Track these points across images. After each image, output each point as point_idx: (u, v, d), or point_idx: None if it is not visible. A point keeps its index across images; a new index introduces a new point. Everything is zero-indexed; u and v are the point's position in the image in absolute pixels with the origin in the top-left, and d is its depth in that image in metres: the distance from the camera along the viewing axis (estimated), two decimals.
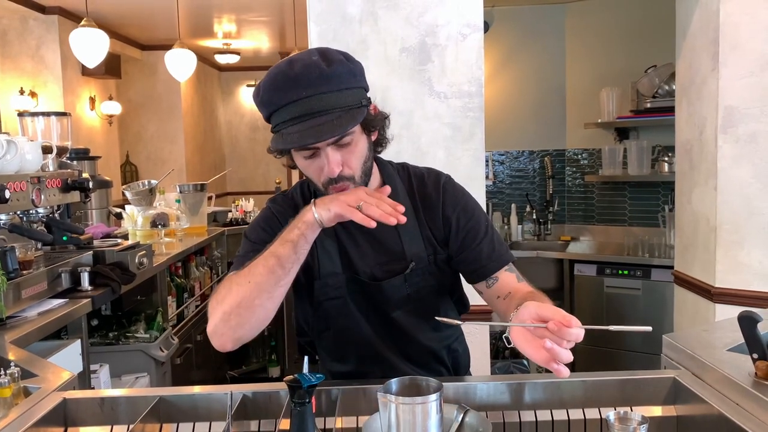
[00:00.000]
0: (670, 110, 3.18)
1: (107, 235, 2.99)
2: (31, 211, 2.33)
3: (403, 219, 1.11)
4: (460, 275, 1.43)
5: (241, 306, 1.18)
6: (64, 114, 2.82)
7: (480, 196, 2.43)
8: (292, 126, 1.16)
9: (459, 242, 1.35)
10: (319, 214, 1.15)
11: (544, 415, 1.33)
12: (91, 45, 4.34)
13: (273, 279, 1.17)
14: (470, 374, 1.58)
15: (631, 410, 1.19)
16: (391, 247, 1.35)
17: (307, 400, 1.06)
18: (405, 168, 1.43)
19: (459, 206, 1.36)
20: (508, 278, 1.34)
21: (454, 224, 1.35)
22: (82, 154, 3.41)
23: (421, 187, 1.38)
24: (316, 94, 1.15)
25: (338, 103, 1.16)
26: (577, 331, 1.01)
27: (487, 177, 4.33)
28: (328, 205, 1.15)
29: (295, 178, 9.55)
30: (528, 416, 1.32)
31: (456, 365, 1.51)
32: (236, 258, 1.35)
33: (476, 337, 2.45)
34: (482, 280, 1.34)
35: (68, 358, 2.10)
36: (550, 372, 1.06)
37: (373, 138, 1.32)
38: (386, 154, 2.47)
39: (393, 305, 1.36)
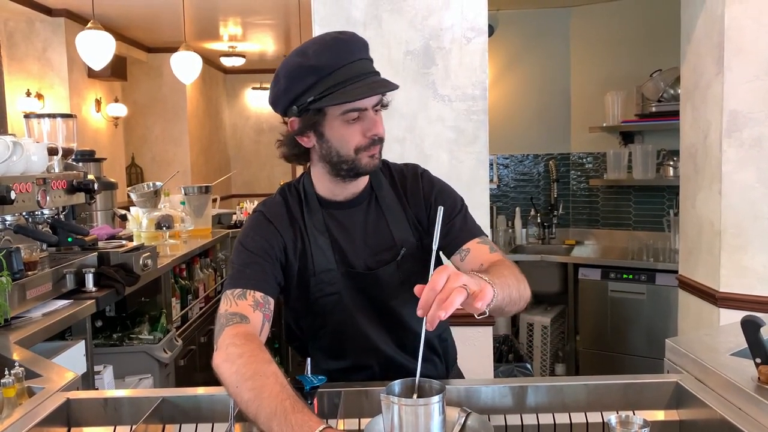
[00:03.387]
0: (675, 114, 3.18)
1: (112, 237, 3.00)
2: (36, 212, 2.35)
3: None
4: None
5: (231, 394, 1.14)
6: (69, 116, 2.83)
7: (484, 200, 2.43)
8: (352, 84, 1.24)
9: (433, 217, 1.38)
10: None
11: (546, 419, 1.33)
12: (98, 47, 4.36)
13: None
14: (457, 365, 1.60)
15: (634, 414, 1.19)
16: (381, 237, 1.41)
17: (310, 402, 1.06)
18: (386, 164, 1.51)
19: (436, 188, 1.46)
20: (479, 249, 1.39)
21: (433, 204, 1.42)
22: (87, 156, 3.42)
23: (402, 179, 1.47)
24: (365, 58, 1.29)
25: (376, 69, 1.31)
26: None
27: (491, 180, 4.33)
28: None
29: None
30: (530, 419, 1.33)
31: (446, 354, 1.55)
32: (234, 268, 1.34)
33: (479, 340, 2.45)
34: (455, 251, 1.40)
35: (72, 359, 2.11)
36: (554, 375, 1.06)
37: None
38: (390, 157, 2.47)
39: (387, 294, 1.40)
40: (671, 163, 3.91)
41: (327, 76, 1.25)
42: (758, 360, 1.23)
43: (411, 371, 1.31)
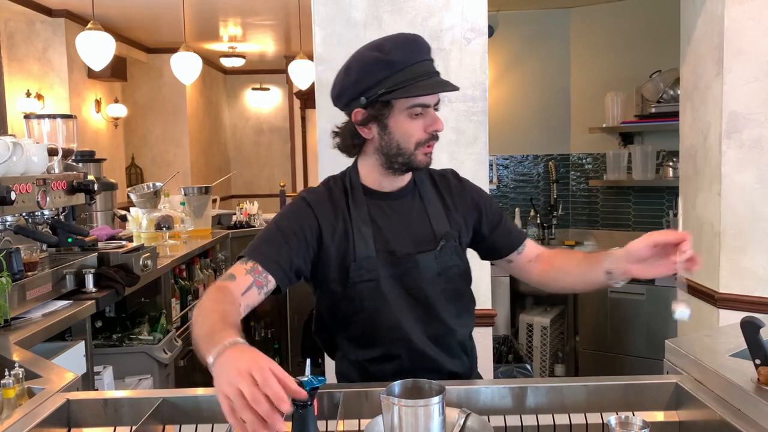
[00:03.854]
0: (675, 115, 3.18)
1: (112, 237, 3.00)
2: (36, 213, 2.35)
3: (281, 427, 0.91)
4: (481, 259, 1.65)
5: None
6: (69, 116, 2.83)
7: None
8: (424, 81, 1.34)
9: (491, 222, 1.56)
10: (212, 370, 1.04)
11: (546, 420, 1.33)
12: (98, 48, 4.36)
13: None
14: (478, 372, 1.63)
15: (633, 415, 1.19)
16: (422, 227, 1.48)
17: (309, 403, 1.06)
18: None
19: (477, 190, 1.58)
20: (531, 244, 1.60)
21: (484, 208, 1.56)
22: (87, 157, 3.42)
23: (443, 181, 1.56)
24: (431, 59, 1.40)
25: None
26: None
27: (491, 181, 4.33)
28: (219, 381, 0.98)
29: (299, 180, 9.57)
30: (530, 420, 1.33)
31: (472, 354, 1.61)
32: (258, 239, 1.41)
33: (479, 341, 2.44)
34: (515, 248, 1.57)
35: (72, 360, 2.11)
36: (554, 376, 1.08)
37: None
38: None
39: (424, 284, 1.46)
40: (671, 164, 3.92)
41: (399, 72, 1.33)
42: (758, 361, 1.23)
43: (439, 365, 1.48)
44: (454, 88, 1.36)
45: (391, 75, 1.34)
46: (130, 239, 3.35)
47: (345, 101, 1.41)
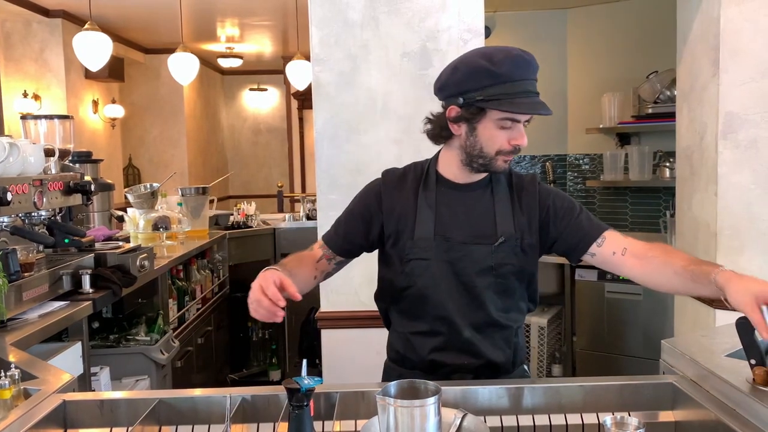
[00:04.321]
0: (672, 116, 3.18)
1: (109, 238, 3.00)
2: (33, 214, 2.34)
3: (280, 317, 1.34)
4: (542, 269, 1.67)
5: None
6: (66, 117, 2.83)
7: None
8: (523, 98, 1.42)
9: (560, 221, 1.56)
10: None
11: (542, 420, 1.33)
12: (95, 48, 4.35)
13: None
14: (524, 367, 1.67)
15: (629, 415, 1.19)
16: (485, 221, 1.54)
17: (306, 404, 1.06)
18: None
19: (552, 193, 1.60)
20: (614, 236, 1.55)
21: (552, 208, 1.56)
22: (84, 157, 3.42)
23: (519, 182, 1.60)
24: (535, 79, 1.47)
25: None
26: None
27: None
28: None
29: (297, 181, 9.57)
30: (526, 421, 1.33)
31: (516, 350, 1.62)
32: (337, 219, 1.66)
33: None
34: (591, 243, 1.54)
35: (69, 361, 2.11)
36: (551, 377, 1.08)
37: None
38: (387, 158, 2.47)
39: (475, 273, 1.52)
40: (667, 164, 3.92)
41: (502, 84, 1.41)
42: (753, 361, 1.24)
43: (478, 350, 1.55)
44: (548, 112, 1.44)
45: (494, 85, 1.41)
46: (127, 240, 3.35)
47: (444, 95, 1.50)
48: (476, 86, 1.42)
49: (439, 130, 1.53)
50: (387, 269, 1.62)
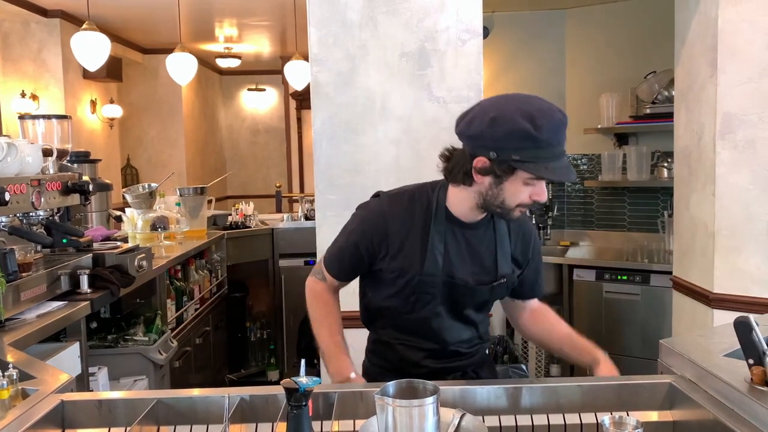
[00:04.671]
0: (670, 116, 3.19)
1: (107, 238, 2.99)
2: (31, 214, 2.34)
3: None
4: None
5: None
6: (64, 117, 2.83)
7: None
8: (556, 163, 1.41)
9: (528, 269, 1.70)
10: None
11: (540, 420, 1.33)
12: (93, 48, 4.35)
13: None
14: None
15: (627, 415, 1.19)
16: (487, 260, 1.61)
17: (304, 404, 1.06)
18: None
19: (538, 247, 1.73)
20: (537, 302, 1.78)
21: (533, 256, 1.70)
22: (82, 157, 3.41)
23: (519, 226, 1.65)
24: (564, 140, 1.47)
25: None
26: None
27: None
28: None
29: (296, 181, 9.56)
30: (524, 420, 1.33)
31: (486, 345, 1.82)
32: (337, 246, 1.66)
33: None
34: (528, 299, 1.76)
35: (67, 361, 2.11)
36: (548, 377, 1.09)
37: None
38: (385, 159, 2.47)
39: (470, 305, 1.64)
40: (665, 164, 3.92)
41: (539, 149, 1.39)
42: (751, 361, 1.24)
43: (461, 357, 1.68)
44: (575, 179, 1.53)
45: (532, 148, 1.39)
46: (125, 240, 3.34)
47: (475, 145, 1.46)
48: (514, 147, 1.39)
49: (459, 175, 1.50)
50: (385, 288, 1.64)
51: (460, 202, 1.55)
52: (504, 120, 1.40)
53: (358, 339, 2.38)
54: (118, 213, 3.76)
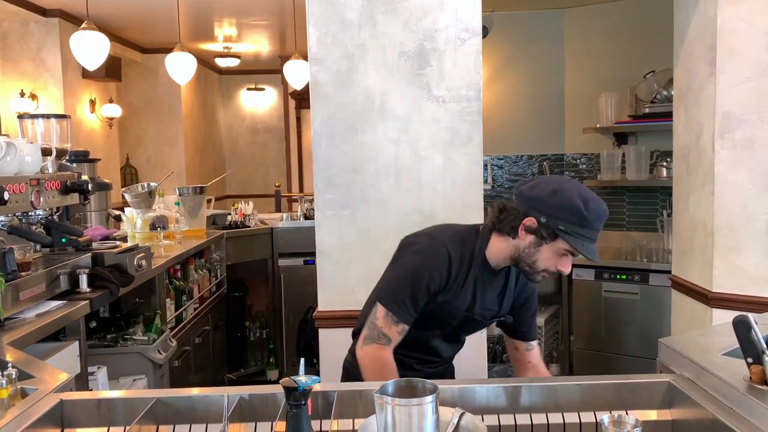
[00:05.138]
0: (669, 115, 3.19)
1: (106, 238, 2.99)
2: (30, 213, 2.34)
3: None
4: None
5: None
6: (63, 116, 2.82)
7: (478, 201, 2.44)
8: (589, 243, 1.62)
9: (524, 311, 1.89)
10: None
11: (539, 418, 1.33)
12: (92, 48, 4.34)
13: None
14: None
15: (626, 414, 1.19)
16: (495, 300, 1.81)
17: (303, 403, 1.06)
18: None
19: (531, 291, 1.91)
20: (536, 347, 1.98)
21: (531, 303, 1.90)
22: (81, 157, 3.41)
23: (523, 279, 1.82)
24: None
25: None
26: None
27: (485, 181, 4.34)
28: None
29: (295, 181, 9.56)
30: (524, 419, 1.33)
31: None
32: (403, 291, 1.69)
33: (473, 341, 2.44)
34: (523, 340, 1.93)
35: (66, 360, 2.11)
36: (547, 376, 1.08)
37: None
38: (384, 159, 2.47)
39: (469, 332, 1.89)
40: (664, 164, 3.93)
41: (582, 227, 1.60)
42: (750, 360, 1.24)
43: (451, 368, 1.93)
44: (598, 262, 1.78)
45: (577, 225, 1.60)
46: (124, 239, 3.34)
47: (531, 206, 1.64)
48: (563, 217, 1.59)
49: (508, 227, 1.67)
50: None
51: (498, 251, 1.72)
52: (563, 194, 1.61)
53: None
54: (118, 212, 3.76)
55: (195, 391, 1.37)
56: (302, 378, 1.07)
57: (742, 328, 1.23)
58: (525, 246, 1.66)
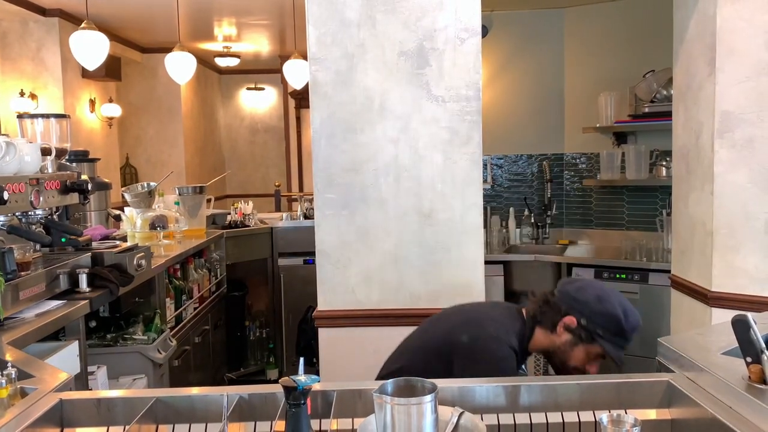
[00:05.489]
0: (668, 115, 3.19)
1: (106, 237, 2.99)
2: (29, 213, 2.34)
3: None
4: None
5: None
6: (63, 116, 2.82)
7: (477, 200, 2.44)
8: (620, 351, 1.75)
9: None
10: None
11: (539, 418, 1.34)
12: (92, 47, 4.34)
13: None
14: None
15: (626, 413, 1.19)
16: None
17: (303, 402, 1.06)
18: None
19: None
20: None
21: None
22: (81, 156, 3.41)
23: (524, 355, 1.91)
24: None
25: None
26: None
27: (485, 181, 4.34)
28: None
29: (295, 180, 9.55)
30: (523, 419, 1.33)
31: None
32: None
33: None
34: None
35: (66, 360, 2.11)
36: (546, 375, 1.10)
37: None
38: (383, 158, 2.47)
39: None
40: (664, 163, 3.93)
41: (618, 337, 1.73)
42: (749, 359, 1.24)
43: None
44: (622, 369, 1.72)
45: (612, 332, 1.72)
46: (124, 239, 3.34)
47: (574, 307, 1.75)
48: (602, 323, 1.72)
49: (549, 322, 1.78)
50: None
51: (539, 343, 1.82)
52: (607, 302, 1.74)
53: (360, 338, 2.39)
54: (117, 212, 3.76)
55: (195, 391, 1.37)
56: (302, 377, 1.07)
57: (741, 327, 1.24)
58: (561, 343, 1.76)
